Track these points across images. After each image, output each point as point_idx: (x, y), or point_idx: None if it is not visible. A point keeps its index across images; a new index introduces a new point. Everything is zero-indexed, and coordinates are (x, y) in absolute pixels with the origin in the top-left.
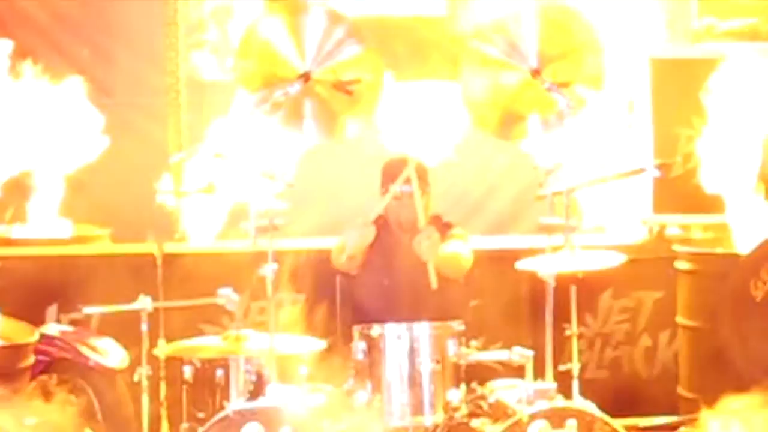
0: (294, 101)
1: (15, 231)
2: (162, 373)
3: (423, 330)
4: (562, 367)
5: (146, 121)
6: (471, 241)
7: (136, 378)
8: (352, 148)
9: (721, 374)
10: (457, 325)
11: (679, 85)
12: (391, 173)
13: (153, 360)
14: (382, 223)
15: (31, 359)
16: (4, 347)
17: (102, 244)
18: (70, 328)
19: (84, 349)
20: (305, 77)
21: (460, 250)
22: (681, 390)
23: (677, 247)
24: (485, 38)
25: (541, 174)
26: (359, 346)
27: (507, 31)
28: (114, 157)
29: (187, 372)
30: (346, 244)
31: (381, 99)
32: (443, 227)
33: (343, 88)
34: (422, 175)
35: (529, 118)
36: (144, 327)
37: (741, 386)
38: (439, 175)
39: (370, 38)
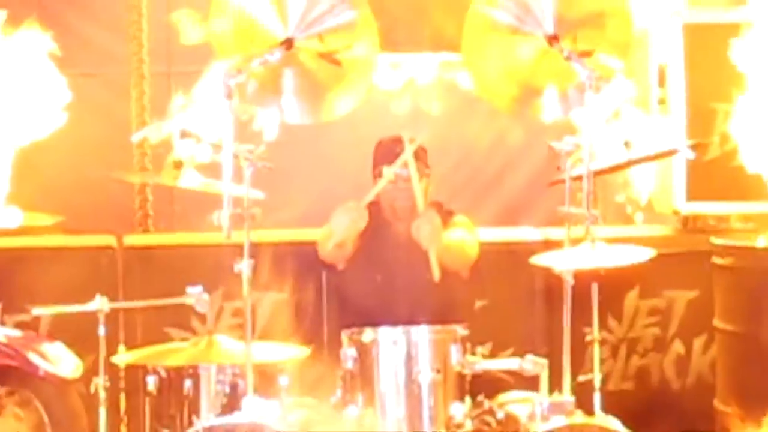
0: (273, 72)
1: None
2: (122, 384)
3: (422, 334)
4: (581, 378)
5: (105, 94)
6: (476, 231)
7: (92, 389)
8: (342, 126)
9: (764, 385)
10: (461, 329)
11: (716, 54)
12: (385, 154)
13: (112, 368)
14: (374, 210)
15: None
16: None
17: (54, 235)
18: (16, 332)
19: (32, 357)
20: (287, 44)
21: (465, 237)
22: (718, 404)
23: (714, 240)
24: (493, 1)
25: (559, 156)
26: (349, 353)
27: None
28: (68, 134)
29: (151, 382)
30: (335, 230)
31: (375, 72)
32: (445, 215)
33: (331, 57)
34: (421, 156)
35: (546, 92)
36: (101, 331)
37: None
38: (441, 157)
39: (364, 2)
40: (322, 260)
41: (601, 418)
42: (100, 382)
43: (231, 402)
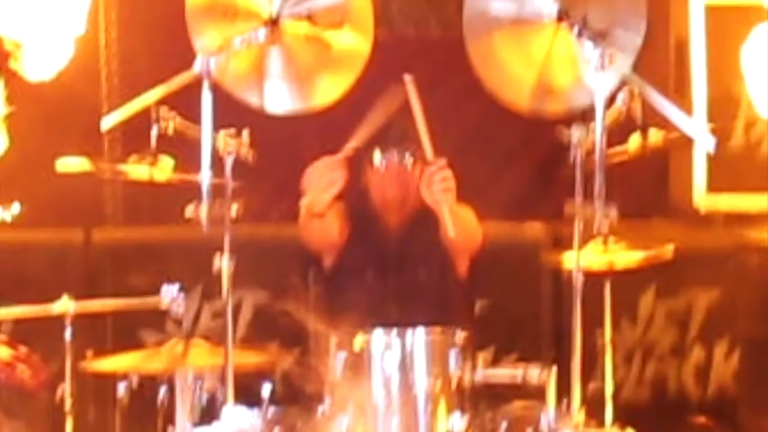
0: (257, 53)
1: None
2: (90, 392)
3: (418, 338)
4: (592, 386)
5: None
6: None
7: (57, 397)
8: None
9: None
10: (461, 332)
11: (740, 36)
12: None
13: (79, 375)
14: (362, 202)
15: None
16: None
17: (14, 228)
18: None
19: None
20: (272, 22)
21: (472, 219)
22: (742, 415)
23: (738, 235)
24: None
25: (568, 145)
26: (338, 358)
27: None
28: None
29: (122, 390)
30: (310, 193)
31: (368, 57)
32: None
33: (320, 39)
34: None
35: (565, 85)
36: (67, 334)
37: None
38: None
39: None
40: (308, 257)
41: (613, 430)
42: (66, 390)
43: (209, 411)
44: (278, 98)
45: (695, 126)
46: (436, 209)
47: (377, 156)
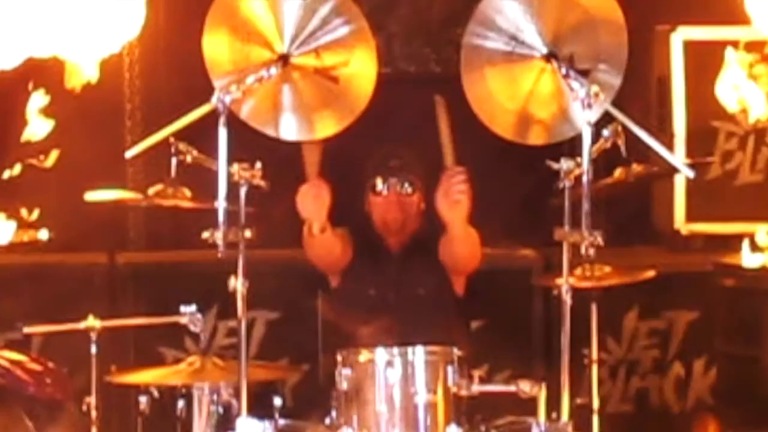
0: (270, 89)
1: None
2: (114, 404)
3: (418, 355)
4: (579, 400)
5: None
6: None
7: (83, 408)
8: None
9: (766, 409)
10: (458, 350)
11: (717, 72)
12: (377, 166)
13: (104, 388)
14: (365, 225)
15: None
16: None
17: (45, 252)
18: (6, 351)
19: (23, 375)
20: (283, 60)
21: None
22: (718, 428)
23: (715, 260)
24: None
25: (557, 176)
26: (344, 373)
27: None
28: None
29: (143, 402)
30: (306, 216)
31: (371, 91)
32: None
33: (327, 74)
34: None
35: (549, 117)
36: (93, 350)
37: None
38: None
39: (360, 17)
40: (316, 278)
41: None
42: (91, 402)
43: (224, 423)
44: (289, 129)
45: (676, 158)
46: (445, 219)
47: (379, 183)
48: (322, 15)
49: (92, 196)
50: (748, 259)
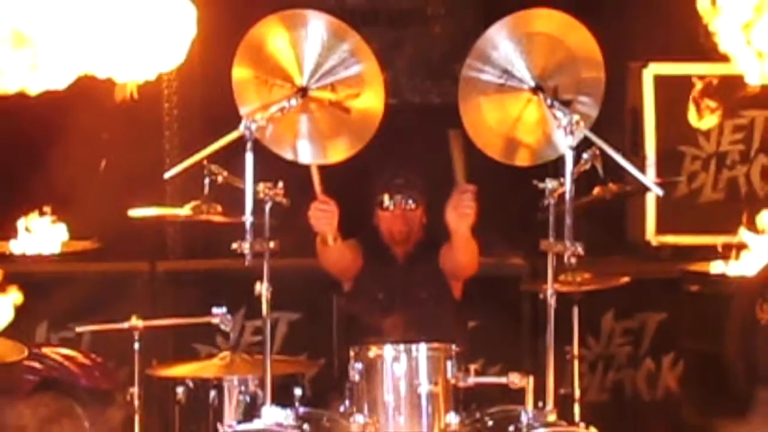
0: (290, 118)
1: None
2: (154, 394)
3: (421, 351)
4: (563, 391)
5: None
6: None
7: (128, 398)
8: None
9: (726, 398)
10: (456, 347)
11: (683, 102)
12: (384, 185)
13: (145, 380)
14: (374, 236)
15: (20, 378)
16: None
17: (94, 261)
18: (60, 348)
19: (75, 369)
20: (302, 92)
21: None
22: (685, 414)
23: (682, 268)
24: (476, 68)
25: (543, 194)
26: (356, 366)
27: (489, 55)
28: (108, 169)
29: (180, 392)
30: (318, 230)
31: (379, 121)
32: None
33: (341, 105)
34: (418, 185)
35: (534, 142)
36: (136, 346)
37: (746, 411)
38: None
39: (372, 58)
40: (332, 284)
41: (580, 428)
42: (135, 392)
43: (251, 410)
44: (305, 154)
45: (647, 178)
46: (451, 228)
47: (386, 200)
48: (339, 55)
49: (136, 212)
50: (716, 267)
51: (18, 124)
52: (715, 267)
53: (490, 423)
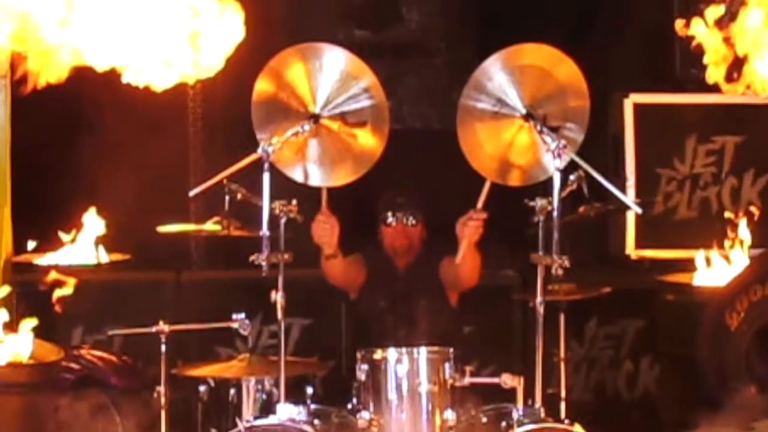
0: (302, 142)
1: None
2: (179, 392)
3: (421, 354)
4: (550, 390)
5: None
6: None
7: (155, 396)
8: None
9: (697, 398)
10: (452, 351)
11: (660, 128)
12: (387, 204)
13: (171, 379)
14: (378, 249)
15: (59, 376)
16: (33, 365)
17: (126, 270)
18: (94, 350)
19: (106, 368)
20: (315, 119)
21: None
22: (661, 413)
23: (658, 279)
24: (473, 97)
25: (533, 211)
26: (362, 367)
27: (484, 85)
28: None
29: (203, 391)
30: (321, 244)
31: (383, 148)
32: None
33: (348, 133)
34: (418, 202)
35: (525, 164)
36: (163, 348)
37: (716, 410)
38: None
39: (382, 94)
40: (341, 293)
41: (566, 424)
42: (161, 390)
43: (267, 407)
44: (314, 176)
45: (627, 198)
46: (459, 237)
47: (389, 217)
48: (352, 91)
49: (163, 228)
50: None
51: (65, 153)
52: (689, 278)
53: (484, 419)
